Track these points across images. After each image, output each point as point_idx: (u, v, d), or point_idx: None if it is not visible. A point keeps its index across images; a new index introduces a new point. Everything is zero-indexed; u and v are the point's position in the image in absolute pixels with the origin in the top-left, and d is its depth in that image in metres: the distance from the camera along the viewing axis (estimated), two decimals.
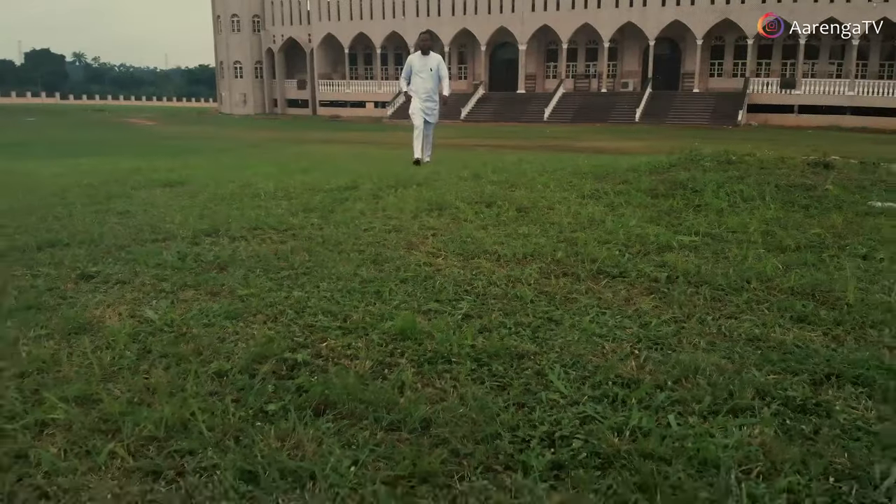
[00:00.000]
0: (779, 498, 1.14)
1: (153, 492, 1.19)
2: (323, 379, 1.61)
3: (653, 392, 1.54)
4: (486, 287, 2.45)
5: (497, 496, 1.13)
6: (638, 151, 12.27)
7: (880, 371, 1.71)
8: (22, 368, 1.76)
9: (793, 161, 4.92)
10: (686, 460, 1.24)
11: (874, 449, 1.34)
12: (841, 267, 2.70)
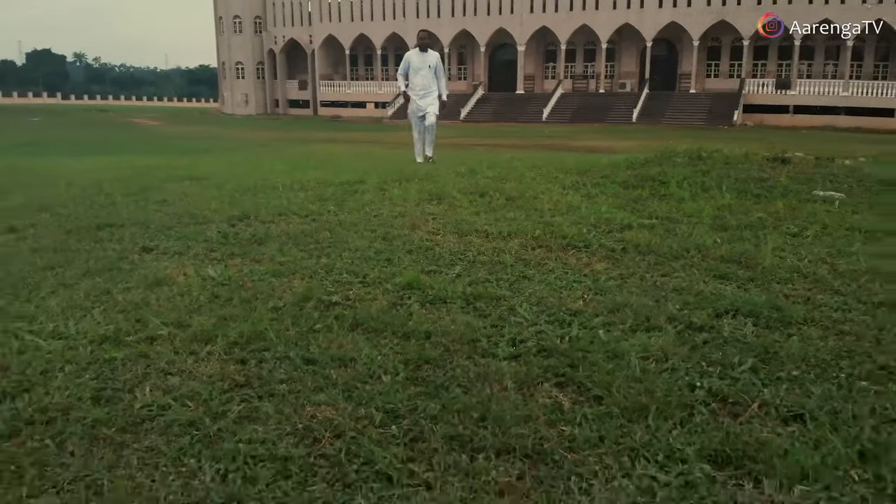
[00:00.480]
0: (664, 371, 1.73)
1: (244, 371, 1.77)
2: (353, 310, 2.20)
3: (591, 318, 2.13)
4: (476, 256, 3.03)
5: (474, 369, 1.72)
6: (628, 150, 12.84)
7: (769, 308, 2.30)
8: (120, 308, 2.34)
9: (755, 157, 5.52)
10: (604, 352, 1.83)
11: (743, 350, 1.93)
12: (774, 241, 3.29)
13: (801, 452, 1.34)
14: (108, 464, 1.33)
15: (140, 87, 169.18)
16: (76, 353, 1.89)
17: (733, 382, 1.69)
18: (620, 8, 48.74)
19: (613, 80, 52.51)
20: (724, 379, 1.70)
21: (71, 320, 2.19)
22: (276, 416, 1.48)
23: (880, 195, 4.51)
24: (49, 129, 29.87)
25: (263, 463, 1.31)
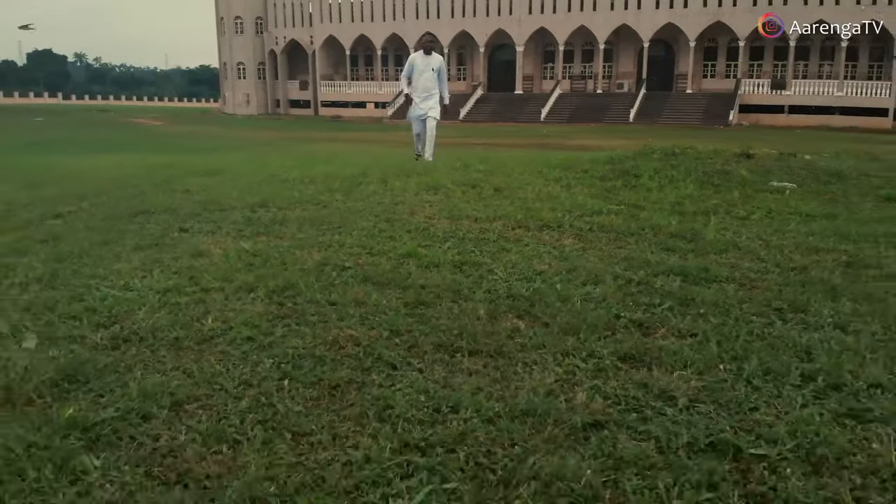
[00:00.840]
0: (599, 307, 2.29)
1: (283, 309, 2.32)
2: (363, 271, 2.75)
3: (552, 276, 2.68)
4: (465, 234, 3.59)
5: (456, 307, 2.28)
6: (618, 149, 13.39)
7: (698, 270, 2.85)
8: (174, 270, 2.89)
9: (724, 153, 6.07)
10: (556, 297, 2.38)
11: (666, 296, 2.48)
12: (719, 222, 3.85)
13: (687, 353, 1.89)
14: (194, 360, 1.87)
15: (140, 87, 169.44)
16: (148, 300, 2.44)
17: (651, 315, 2.24)
18: (618, 9, 49.25)
19: (611, 80, 53.02)
20: (645, 313, 2.25)
21: (136, 279, 2.75)
22: (311, 334, 2.03)
23: (827, 185, 5.06)
24: (53, 128, 30.39)
25: (304, 358, 1.86)
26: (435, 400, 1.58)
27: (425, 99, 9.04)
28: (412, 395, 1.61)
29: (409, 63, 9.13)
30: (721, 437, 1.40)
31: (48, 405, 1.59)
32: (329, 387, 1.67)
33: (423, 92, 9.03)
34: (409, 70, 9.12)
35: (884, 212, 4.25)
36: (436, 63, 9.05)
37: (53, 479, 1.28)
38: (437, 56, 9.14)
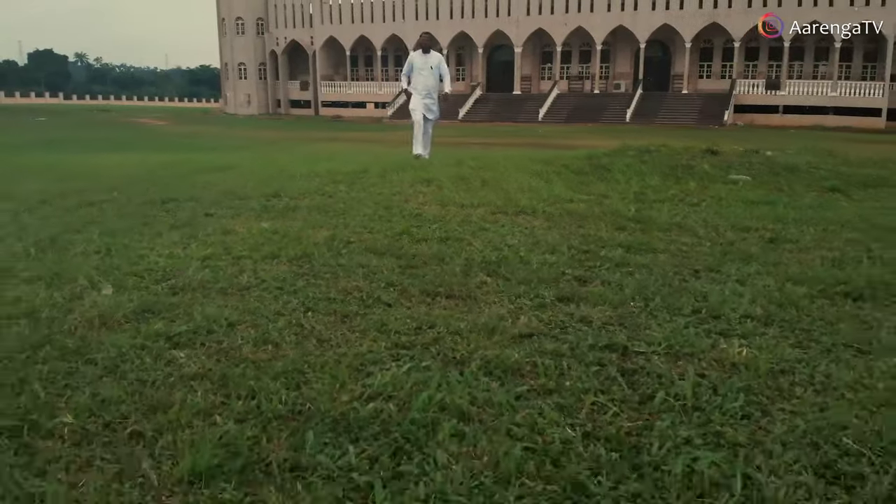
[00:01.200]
0: (551, 268, 2.89)
1: (302, 269, 2.93)
2: (364, 244, 3.36)
3: (518, 247, 3.29)
4: (452, 217, 4.19)
5: (438, 268, 2.89)
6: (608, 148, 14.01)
7: (640, 243, 3.45)
8: (208, 244, 3.49)
9: (693, 150, 6.69)
10: (518, 261, 2.99)
11: (607, 261, 3.08)
12: (671, 208, 4.45)
13: (609, 296, 2.50)
14: (238, 301, 2.47)
15: (141, 87, 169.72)
16: (192, 263, 3.05)
17: (591, 273, 2.85)
18: (615, 10, 49.78)
19: (608, 80, 53.56)
20: (586, 272, 2.86)
21: (178, 249, 3.35)
22: (325, 285, 2.63)
23: (778, 177, 5.66)
24: (58, 128, 30.96)
25: (321, 300, 2.46)
26: (418, 321, 2.18)
27: (425, 96, 9.21)
28: (402, 319, 2.21)
29: (409, 62, 9.31)
30: (616, 341, 2.00)
31: (137, 326, 2.19)
32: (341, 315, 2.28)
33: (423, 90, 9.20)
34: (408, 69, 9.31)
35: (821, 199, 4.86)
36: (434, 61, 9.23)
37: (153, 363, 1.88)
38: (436, 54, 9.33)
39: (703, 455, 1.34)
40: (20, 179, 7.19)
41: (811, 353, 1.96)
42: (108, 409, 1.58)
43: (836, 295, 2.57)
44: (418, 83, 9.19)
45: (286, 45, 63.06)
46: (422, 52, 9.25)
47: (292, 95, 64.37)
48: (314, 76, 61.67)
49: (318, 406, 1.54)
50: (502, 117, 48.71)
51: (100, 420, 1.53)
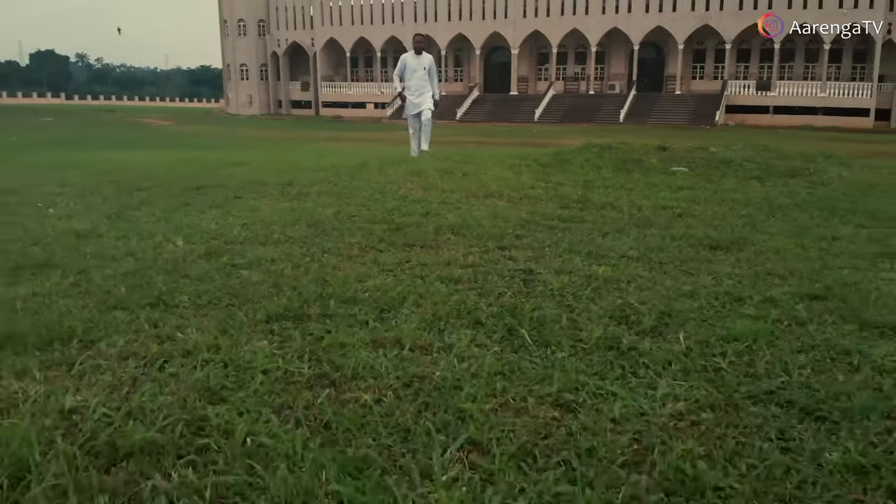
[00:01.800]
0: (504, 231, 3.95)
1: (316, 231, 3.98)
2: (362, 217, 4.42)
3: (482, 219, 4.35)
4: (433, 199, 5.25)
5: (415, 230, 3.94)
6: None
7: (574, 217, 4.51)
8: (242, 217, 4.53)
9: (647, 146, 7.75)
10: (478, 226, 4.05)
11: (543, 228, 4.13)
12: (610, 193, 5.51)
13: (534, 245, 3.55)
14: (274, 249, 3.53)
15: (141, 87, 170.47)
16: (234, 229, 4.09)
17: (528, 233, 3.90)
18: (609, 12, 50.72)
19: (603, 81, 54.51)
20: (525, 232, 3.92)
21: (220, 220, 4.40)
22: (335, 240, 3.68)
23: (712, 169, 6.72)
24: (69, 128, 31.93)
25: (332, 248, 3.52)
26: (399, 259, 3.23)
27: (418, 95, 9.43)
28: (388, 258, 3.26)
29: (402, 62, 9.51)
30: (527, 267, 3.05)
31: (209, 260, 3.23)
32: (347, 256, 3.33)
33: (415, 90, 9.41)
34: (401, 69, 9.50)
35: (738, 185, 5.92)
36: (426, 62, 9.43)
37: (227, 277, 2.92)
38: (428, 56, 9.54)
39: (548, 307, 2.38)
40: (60, 173, 8.23)
41: (654, 272, 3.01)
42: (206, 294, 2.62)
43: (700, 245, 3.62)
44: (412, 84, 9.39)
45: (287, 47, 63.95)
46: (415, 54, 9.46)
47: (293, 96, 65.22)
48: (315, 77, 62.55)
49: (335, 292, 2.58)
50: (499, 117, 49.66)
51: (203, 299, 2.57)
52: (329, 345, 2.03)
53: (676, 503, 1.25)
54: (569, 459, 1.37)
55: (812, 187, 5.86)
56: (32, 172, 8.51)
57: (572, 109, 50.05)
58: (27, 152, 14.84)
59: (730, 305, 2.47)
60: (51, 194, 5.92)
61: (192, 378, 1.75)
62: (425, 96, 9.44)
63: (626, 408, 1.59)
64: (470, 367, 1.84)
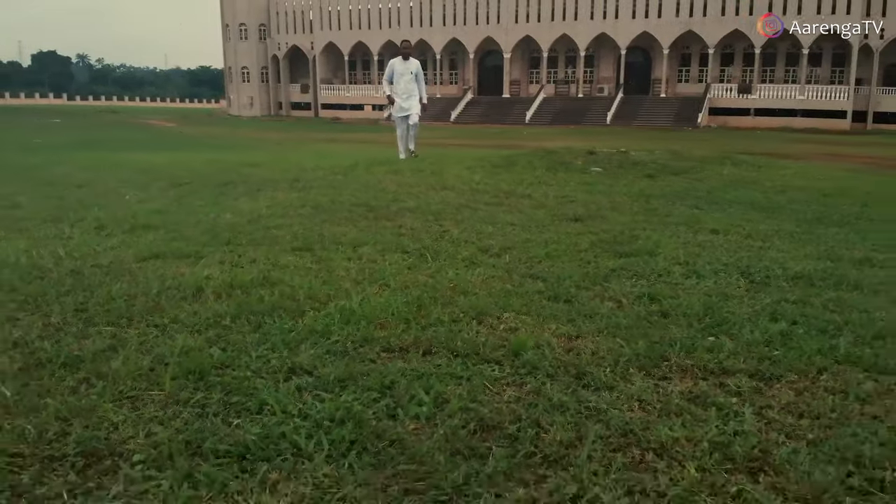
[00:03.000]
0: (447, 206, 5.91)
1: (320, 211, 5.93)
2: (350, 202, 6.38)
3: (430, 202, 6.30)
4: (402, 192, 7.19)
5: (385, 210, 5.91)
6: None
7: (499, 203, 6.47)
8: (267, 203, 6.48)
9: (578, 151, 9.72)
10: (429, 206, 6.01)
11: (472, 207, 6.09)
12: (532, 187, 7.47)
13: (458, 218, 5.50)
14: (291, 220, 5.47)
15: (142, 87, 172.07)
16: (261, 210, 6.03)
17: (458, 212, 5.85)
18: (597, 19, 52.63)
19: (592, 84, 56.43)
20: (456, 212, 5.87)
21: (251, 204, 6.34)
22: (329, 217, 5.61)
23: (621, 169, 8.66)
24: (78, 130, 33.69)
25: (327, 220, 5.46)
26: (369, 225, 5.18)
27: (406, 99, 9.93)
28: (363, 224, 5.22)
29: (390, 67, 10.02)
30: (445, 228, 5.01)
31: (253, 226, 5.18)
32: (336, 224, 5.27)
33: (403, 93, 9.91)
34: (389, 74, 10.02)
35: (632, 182, 7.88)
36: (413, 67, 9.90)
37: (265, 232, 4.86)
38: (415, 61, 10.08)
39: (445, 246, 4.36)
40: (107, 172, 10.17)
41: (521, 231, 4.96)
42: (254, 240, 4.57)
43: (566, 219, 5.58)
44: (399, 88, 9.88)
45: (287, 50, 65.75)
46: (402, 59, 9.93)
47: (293, 98, 67.01)
48: (314, 79, 64.35)
49: (328, 239, 4.53)
50: (492, 119, 51.51)
51: (253, 242, 4.52)
52: (324, 258, 3.98)
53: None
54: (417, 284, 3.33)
55: (689, 182, 7.83)
56: (83, 171, 10.44)
57: (562, 112, 51.88)
58: (59, 153, 16.66)
59: (545, 244, 4.42)
60: (115, 188, 7.86)
61: (258, 268, 3.70)
62: (413, 100, 9.94)
63: (458, 277, 3.54)
64: (395, 265, 3.79)
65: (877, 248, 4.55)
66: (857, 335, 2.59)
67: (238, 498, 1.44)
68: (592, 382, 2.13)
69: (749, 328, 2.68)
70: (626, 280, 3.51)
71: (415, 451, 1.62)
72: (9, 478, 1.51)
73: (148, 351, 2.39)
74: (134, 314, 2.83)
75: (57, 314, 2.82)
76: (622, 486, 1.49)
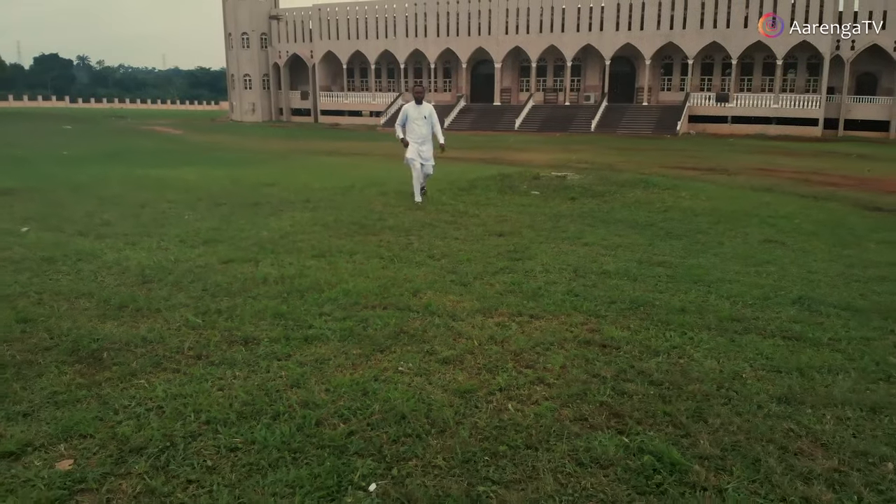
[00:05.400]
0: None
1: (325, 227, 8.58)
2: (346, 220, 9.04)
3: (405, 221, 8.96)
4: (386, 211, 9.83)
5: (371, 226, 8.56)
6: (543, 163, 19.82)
7: (449, 222, 9.12)
8: (288, 218, 9.12)
9: (528, 174, 12.37)
10: (402, 226, 8.67)
11: (424, 225, 8.75)
12: (475, 206, 10.13)
13: (424, 232, 8.14)
14: (307, 235, 8.10)
15: (142, 89, 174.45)
16: (286, 228, 8.64)
17: (422, 228, 8.49)
18: (583, 30, 55.25)
19: (579, 92, 59.08)
20: (420, 230, 8.51)
21: (277, 223, 8.98)
22: (333, 231, 8.22)
23: (556, 192, 11.27)
24: (94, 138, 36.05)
25: (332, 234, 8.09)
26: (360, 239, 7.82)
27: (421, 144, 10.02)
28: (355, 238, 7.85)
29: (403, 113, 9.99)
30: (410, 240, 7.64)
31: (283, 239, 7.82)
32: (336, 236, 7.90)
33: (418, 139, 9.99)
34: (402, 119, 9.97)
35: (558, 203, 10.53)
36: (427, 111, 9.94)
37: (293, 241, 7.49)
38: (428, 105, 10.03)
39: (407, 254, 6.99)
40: (152, 191, 12.77)
41: (453, 242, 7.59)
42: (286, 248, 7.20)
43: (493, 234, 8.22)
44: (414, 132, 9.88)
45: (288, 59, 68.19)
46: (415, 104, 9.94)
47: (293, 104, 69.43)
48: (314, 87, 66.82)
49: (332, 249, 7.16)
50: (483, 126, 54.12)
51: (286, 250, 7.15)
52: (332, 261, 6.63)
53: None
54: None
55: (598, 204, 10.47)
56: (135, 190, 13.04)
57: (549, 119, 54.47)
58: (91, 167, 19.07)
59: (469, 252, 7.05)
60: (168, 208, 10.47)
61: (294, 267, 6.34)
62: (427, 146, 9.99)
63: (409, 273, 6.17)
64: (374, 266, 6.44)
65: (683, 254, 7.21)
66: (611, 301, 5.26)
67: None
68: (458, 316, 4.80)
69: (553, 297, 5.34)
70: (506, 274, 6.17)
71: (374, 337, 4.30)
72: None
73: (253, 307, 5.04)
74: (234, 292, 5.48)
75: (195, 291, 5.47)
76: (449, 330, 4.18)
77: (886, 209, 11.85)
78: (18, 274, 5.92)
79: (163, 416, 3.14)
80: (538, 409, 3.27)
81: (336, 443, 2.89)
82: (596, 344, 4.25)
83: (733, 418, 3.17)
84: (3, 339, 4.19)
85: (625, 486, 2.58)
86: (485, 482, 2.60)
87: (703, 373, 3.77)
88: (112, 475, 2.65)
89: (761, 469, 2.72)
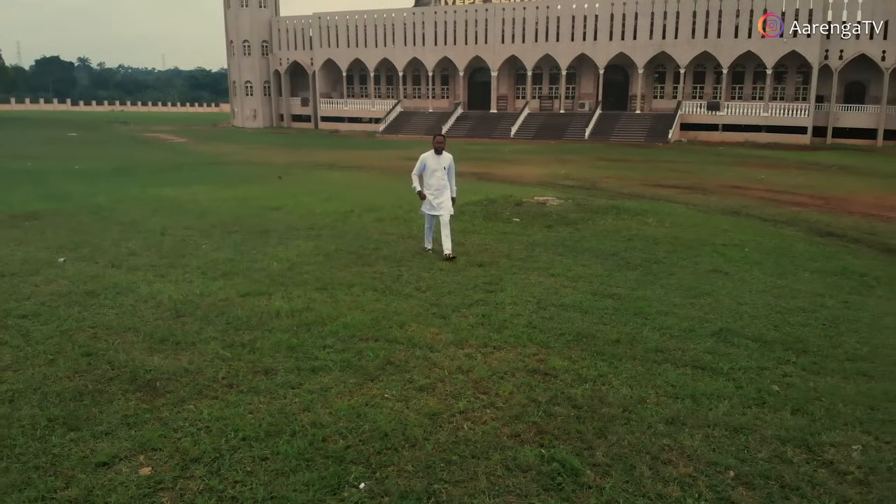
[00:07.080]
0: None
1: (327, 257, 9.76)
2: (346, 249, 10.22)
3: (398, 250, 10.13)
4: (381, 238, 11.01)
5: (369, 254, 9.74)
6: (532, 178, 20.98)
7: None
8: (296, 251, 10.29)
9: (511, 200, 13.55)
10: (394, 255, 9.85)
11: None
12: (466, 236, 11.31)
13: (416, 260, 9.31)
14: (313, 267, 9.27)
15: (143, 90, 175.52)
16: (292, 258, 9.80)
17: (414, 257, 9.67)
18: (577, 40, 56.49)
19: (574, 100, 60.33)
20: (411, 260, 9.69)
21: (284, 252, 10.14)
22: (334, 261, 9.37)
23: (535, 219, 12.44)
24: (101, 147, 37.15)
25: (334, 265, 9.25)
26: (358, 269, 8.99)
27: (437, 195, 9.67)
28: (353, 268, 9.03)
29: (421, 162, 9.63)
30: (400, 268, 8.82)
31: (290, 269, 8.98)
32: (338, 267, 9.08)
33: (435, 189, 9.67)
34: (420, 168, 9.67)
35: (535, 232, 11.69)
36: (446, 162, 9.59)
37: (297, 275, 8.66)
38: (448, 155, 9.63)
39: (391, 271, 8.16)
40: (167, 216, 13.93)
41: (447, 275, 8.76)
42: (294, 279, 8.36)
43: (474, 264, 9.40)
44: (431, 183, 9.61)
45: (288, 66, 69.39)
46: (434, 153, 9.57)
47: (294, 111, 70.64)
48: (314, 94, 68.01)
49: (334, 279, 8.35)
50: (479, 133, 55.33)
51: (294, 281, 8.32)
52: (333, 294, 7.79)
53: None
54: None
55: (570, 233, 11.62)
56: (153, 215, 14.17)
57: (544, 127, 55.69)
58: (105, 184, 20.16)
59: (450, 284, 8.22)
60: (186, 236, 11.62)
61: (302, 301, 7.51)
62: (444, 196, 9.67)
63: (398, 305, 7.36)
64: (368, 298, 7.62)
65: (634, 286, 8.38)
66: (561, 333, 6.42)
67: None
68: (435, 348, 5.99)
69: (515, 329, 6.52)
70: (480, 307, 7.34)
71: (367, 367, 5.49)
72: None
73: (270, 340, 6.21)
74: (253, 325, 6.65)
75: (221, 325, 6.65)
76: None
77: (838, 234, 13.02)
78: (70, 308, 7.08)
79: (211, 434, 4.31)
80: (485, 427, 4.44)
81: (337, 454, 4.06)
82: (540, 373, 5.42)
83: (626, 435, 4.34)
84: (75, 370, 5.36)
85: (536, 484, 3.76)
86: (439, 482, 3.77)
87: (616, 398, 4.94)
88: (181, 478, 3.82)
89: (635, 473, 3.90)
